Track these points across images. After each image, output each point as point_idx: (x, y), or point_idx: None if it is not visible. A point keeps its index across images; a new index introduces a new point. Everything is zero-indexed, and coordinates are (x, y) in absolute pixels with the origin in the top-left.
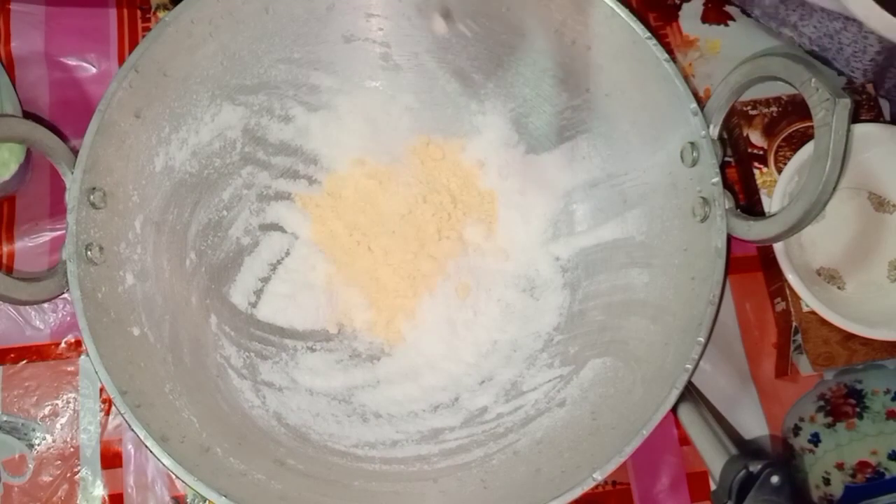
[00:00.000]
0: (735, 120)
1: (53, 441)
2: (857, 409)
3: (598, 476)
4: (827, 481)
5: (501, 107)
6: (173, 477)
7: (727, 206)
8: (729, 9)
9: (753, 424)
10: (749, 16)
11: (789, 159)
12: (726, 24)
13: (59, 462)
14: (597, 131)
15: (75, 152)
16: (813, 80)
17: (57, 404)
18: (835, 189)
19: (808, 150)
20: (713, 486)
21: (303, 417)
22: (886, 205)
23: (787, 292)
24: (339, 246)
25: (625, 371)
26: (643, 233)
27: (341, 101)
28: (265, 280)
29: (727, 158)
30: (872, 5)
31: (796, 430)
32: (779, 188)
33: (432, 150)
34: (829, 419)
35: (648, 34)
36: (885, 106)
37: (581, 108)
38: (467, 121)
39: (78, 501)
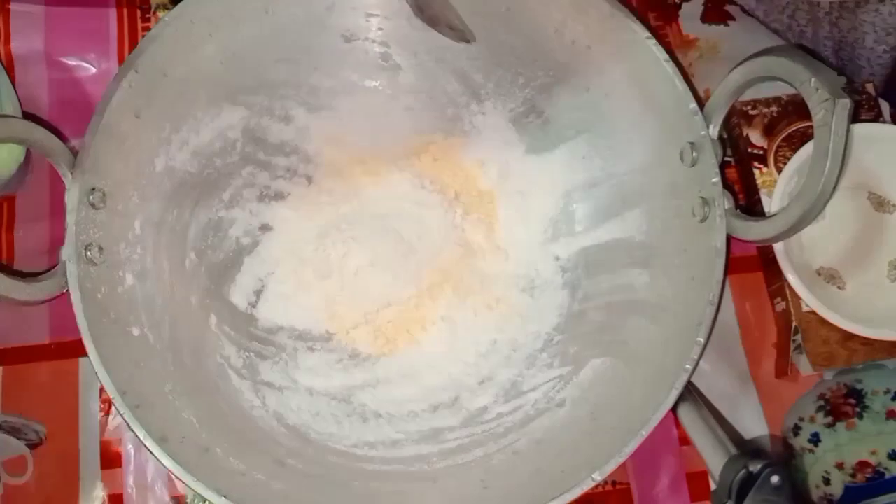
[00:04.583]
0: (735, 120)
1: (53, 441)
2: (857, 409)
3: (598, 476)
4: (827, 481)
5: (501, 107)
6: (173, 477)
7: (727, 206)
8: (729, 9)
9: (753, 424)
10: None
11: (789, 159)
12: (726, 24)
13: (59, 462)
14: (597, 131)
15: (75, 152)
16: (812, 79)
17: (57, 404)
18: (835, 189)
19: (808, 150)
20: (713, 486)
21: (303, 417)
22: (886, 205)
23: (787, 292)
24: None
25: (625, 371)
26: (643, 233)
27: (341, 102)
28: (265, 280)
29: (727, 158)
30: None
31: (796, 430)
32: (779, 188)
33: (432, 150)
34: (829, 419)
35: (648, 34)
36: (884, 106)
37: (581, 108)
38: (467, 121)
39: (78, 501)
